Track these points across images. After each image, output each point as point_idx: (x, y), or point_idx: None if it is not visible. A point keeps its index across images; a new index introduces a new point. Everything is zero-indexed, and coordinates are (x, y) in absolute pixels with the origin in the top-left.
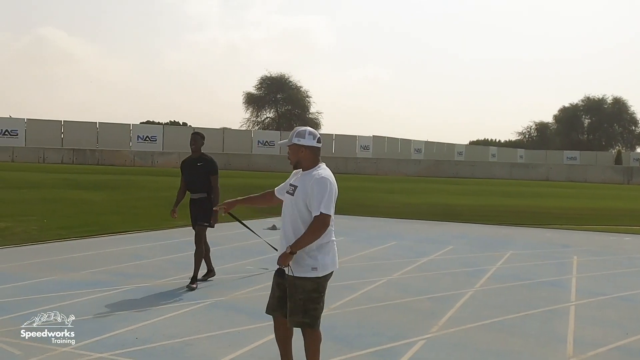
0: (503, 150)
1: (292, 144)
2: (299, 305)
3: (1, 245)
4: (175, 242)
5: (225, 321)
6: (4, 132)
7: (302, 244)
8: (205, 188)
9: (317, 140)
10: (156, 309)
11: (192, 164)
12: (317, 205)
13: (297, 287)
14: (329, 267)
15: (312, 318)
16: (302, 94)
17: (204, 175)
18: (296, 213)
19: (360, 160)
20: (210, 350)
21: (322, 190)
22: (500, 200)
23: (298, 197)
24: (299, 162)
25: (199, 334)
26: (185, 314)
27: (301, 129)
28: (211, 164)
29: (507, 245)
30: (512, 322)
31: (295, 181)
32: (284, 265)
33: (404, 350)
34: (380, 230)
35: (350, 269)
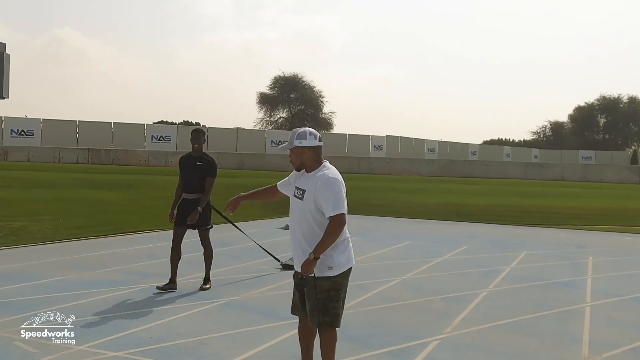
0: (517, 150)
1: (294, 147)
2: (318, 305)
3: (17, 244)
4: (189, 241)
5: (239, 321)
6: (20, 132)
7: (323, 247)
8: (201, 188)
9: (318, 139)
10: (170, 308)
11: (192, 163)
12: (332, 207)
13: (315, 287)
14: (344, 264)
15: (333, 317)
16: (315, 94)
17: (201, 175)
18: (309, 216)
19: (373, 160)
20: (224, 350)
21: (333, 191)
22: (514, 200)
23: (308, 200)
24: (302, 164)
25: (213, 333)
26: (200, 313)
27: (300, 131)
28: (212, 165)
29: (522, 246)
30: (526, 323)
31: (302, 184)
32: (309, 273)
33: (417, 351)
34: (394, 230)
35: (363, 269)
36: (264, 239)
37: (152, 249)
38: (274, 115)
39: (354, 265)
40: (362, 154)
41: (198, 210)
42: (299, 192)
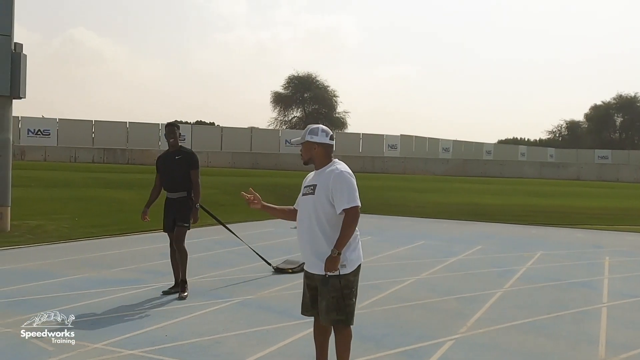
0: (533, 150)
1: (305, 142)
2: (332, 303)
3: (34, 242)
4: (204, 240)
5: (254, 319)
6: (36, 132)
7: (344, 241)
8: (185, 186)
9: (329, 138)
10: (185, 306)
11: (169, 159)
12: (346, 200)
13: (328, 286)
14: (356, 262)
15: (347, 314)
16: (329, 93)
17: (183, 170)
18: (320, 210)
19: (387, 160)
20: (239, 348)
21: (346, 184)
22: (530, 199)
23: (320, 194)
24: (311, 159)
25: (227, 332)
26: (214, 312)
27: (314, 127)
28: (191, 156)
29: (537, 246)
30: (542, 323)
31: (312, 181)
32: (334, 270)
33: (432, 351)
34: (408, 229)
35: (378, 269)
36: (277, 239)
37: (166, 248)
38: (288, 114)
39: (368, 265)
40: (376, 154)
41: (197, 207)
42: (309, 189)
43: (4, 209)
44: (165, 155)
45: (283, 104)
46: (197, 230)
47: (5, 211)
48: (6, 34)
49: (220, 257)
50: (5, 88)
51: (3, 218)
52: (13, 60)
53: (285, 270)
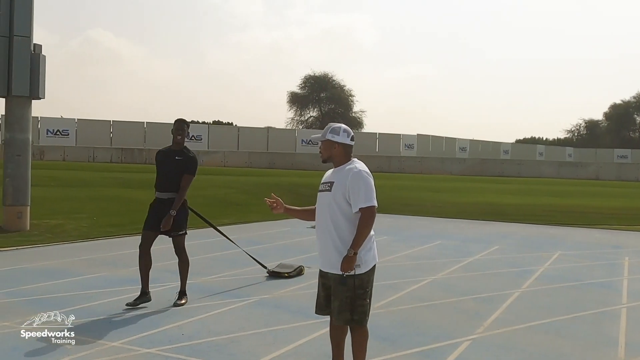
0: (551, 149)
1: (326, 140)
2: (346, 303)
3: (53, 241)
4: (220, 239)
5: (270, 319)
6: (55, 132)
7: (360, 241)
8: (177, 187)
9: (350, 138)
10: (202, 305)
11: (170, 156)
12: (362, 198)
13: (342, 286)
14: (370, 262)
15: (361, 315)
16: (345, 93)
17: (179, 172)
18: (335, 208)
19: (404, 159)
20: (255, 347)
21: (363, 183)
22: (548, 199)
23: (336, 191)
24: (330, 158)
25: (244, 331)
26: (231, 311)
27: (336, 126)
28: (192, 161)
29: (555, 246)
30: (560, 324)
31: (329, 178)
32: (350, 270)
33: (449, 351)
34: (425, 229)
35: (394, 268)
36: (294, 238)
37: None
38: (304, 114)
39: (384, 265)
40: (393, 153)
41: (171, 214)
42: (326, 186)
43: (24, 208)
44: (166, 151)
45: (299, 104)
46: (213, 230)
47: (24, 210)
48: (25, 36)
49: (236, 256)
50: (24, 89)
51: (23, 217)
52: (32, 61)
53: (280, 274)
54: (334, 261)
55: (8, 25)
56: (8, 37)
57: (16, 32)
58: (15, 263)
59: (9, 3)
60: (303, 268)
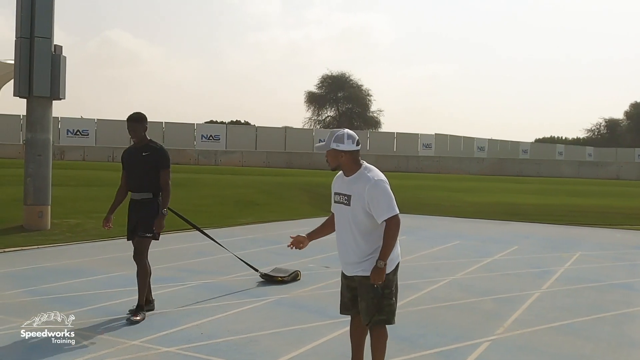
0: (570, 148)
1: (331, 149)
2: (373, 304)
3: (73, 241)
4: (238, 239)
5: (289, 318)
6: (75, 132)
7: (388, 252)
8: (151, 186)
9: (356, 144)
10: (221, 305)
11: (135, 154)
12: (385, 210)
13: (368, 287)
14: (394, 261)
15: (388, 314)
16: (363, 92)
17: (150, 168)
18: (357, 221)
19: (422, 159)
20: (274, 347)
21: (383, 194)
22: (567, 199)
23: (356, 206)
24: (339, 167)
25: (262, 330)
26: (249, 310)
27: (339, 133)
28: (161, 153)
29: (576, 246)
30: (581, 326)
31: (344, 189)
32: (381, 281)
33: (468, 352)
34: (444, 229)
35: (413, 268)
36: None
37: (202, 247)
38: (321, 114)
39: (403, 264)
40: (411, 153)
41: (163, 213)
42: (343, 198)
43: (45, 207)
44: (131, 149)
45: (317, 104)
46: (231, 229)
47: (45, 210)
48: (46, 37)
49: (254, 256)
50: (45, 89)
51: (44, 217)
52: (53, 62)
53: (274, 278)
54: (359, 264)
55: (29, 27)
56: (29, 39)
57: (37, 34)
58: (36, 262)
59: (30, 5)
60: (299, 273)
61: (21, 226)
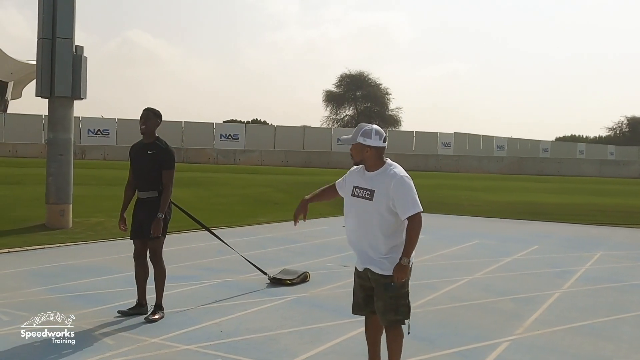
0: (592, 147)
1: (357, 143)
2: (390, 303)
3: (94, 239)
4: (258, 238)
5: (307, 317)
6: (96, 132)
7: (412, 249)
8: (157, 184)
9: (383, 140)
10: (240, 303)
11: (141, 151)
12: (410, 206)
13: (386, 286)
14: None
15: (405, 314)
16: (381, 91)
17: (155, 167)
18: (380, 217)
19: (441, 158)
20: (293, 346)
21: (408, 190)
22: (589, 198)
23: (380, 201)
24: (362, 161)
25: (281, 329)
26: (268, 309)
27: (367, 128)
28: (166, 153)
29: (597, 246)
30: (602, 326)
31: (366, 183)
32: (404, 278)
33: (487, 352)
34: (463, 228)
35: (431, 268)
36: (330, 237)
37: (221, 245)
38: (340, 113)
39: (422, 264)
40: (430, 152)
41: (159, 217)
42: (365, 193)
43: (66, 206)
44: (138, 145)
45: (335, 103)
46: (250, 228)
47: (67, 209)
48: (68, 37)
49: (274, 254)
50: (67, 89)
51: (65, 215)
52: (74, 62)
53: (283, 282)
54: (379, 263)
55: (51, 28)
56: (51, 40)
57: (59, 35)
58: (58, 260)
59: (51, 7)
60: (308, 274)
61: (43, 225)
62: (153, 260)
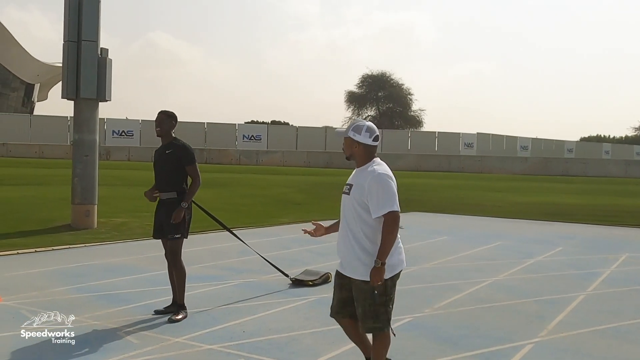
0: (618, 147)
1: (348, 137)
2: (370, 310)
3: (119, 239)
4: (280, 238)
5: (329, 318)
6: (120, 133)
7: (386, 250)
8: (175, 185)
9: (373, 139)
10: (262, 304)
11: (161, 152)
12: (383, 204)
13: (366, 292)
14: (396, 267)
15: (384, 322)
16: (403, 92)
17: (174, 166)
18: (355, 213)
19: (464, 158)
20: (314, 346)
21: (383, 187)
22: (614, 199)
23: (355, 195)
24: (352, 156)
25: (303, 329)
26: (290, 309)
27: (359, 123)
28: (183, 149)
29: (623, 247)
30: (628, 329)
31: (351, 179)
32: (380, 281)
33: (511, 354)
34: (485, 229)
35: (454, 269)
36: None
37: (243, 246)
38: (362, 113)
39: (445, 265)
40: (453, 152)
41: (182, 206)
42: (346, 188)
43: (91, 206)
44: (159, 148)
45: (357, 103)
46: (272, 229)
47: (92, 209)
48: (93, 40)
49: (297, 255)
50: (92, 91)
51: (90, 216)
52: (99, 64)
53: (305, 283)
54: (356, 267)
55: (77, 31)
56: (77, 42)
57: (84, 37)
58: (83, 259)
59: (77, 9)
60: (330, 275)
61: (69, 225)
62: (172, 261)
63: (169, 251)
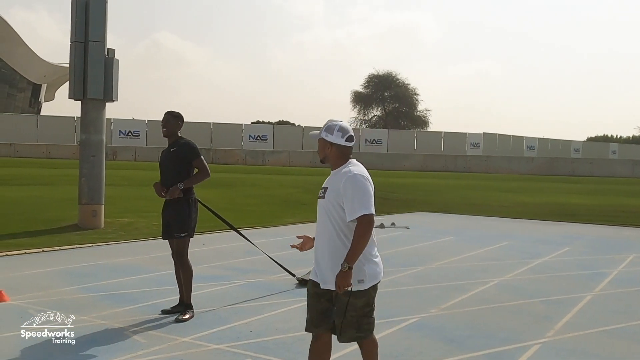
0: (625, 147)
1: (321, 138)
2: (352, 322)
3: (126, 239)
4: (286, 239)
5: None
6: (127, 133)
7: (356, 254)
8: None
9: (346, 139)
10: (269, 304)
11: (166, 152)
12: (357, 207)
13: (346, 304)
14: (377, 276)
15: (367, 332)
16: (409, 92)
17: (178, 164)
18: (330, 217)
19: (470, 158)
20: None
21: (358, 189)
22: (621, 199)
23: (329, 198)
24: (326, 159)
25: None
26: (297, 309)
27: (332, 124)
28: (186, 146)
29: (630, 248)
30: (636, 329)
31: (326, 182)
32: (347, 287)
33: (517, 354)
34: (492, 229)
35: (460, 269)
36: None
37: (250, 246)
38: (368, 113)
39: (451, 265)
40: (459, 152)
41: (178, 186)
42: (322, 191)
43: (98, 207)
44: (165, 149)
45: (363, 103)
46: (278, 229)
47: (99, 209)
48: (100, 41)
49: (303, 255)
50: (99, 92)
51: (97, 216)
52: (106, 65)
53: None
54: (327, 277)
55: (84, 32)
56: (84, 43)
57: (91, 38)
58: (90, 259)
59: (84, 10)
60: None
61: (76, 225)
62: (178, 260)
63: (175, 250)
